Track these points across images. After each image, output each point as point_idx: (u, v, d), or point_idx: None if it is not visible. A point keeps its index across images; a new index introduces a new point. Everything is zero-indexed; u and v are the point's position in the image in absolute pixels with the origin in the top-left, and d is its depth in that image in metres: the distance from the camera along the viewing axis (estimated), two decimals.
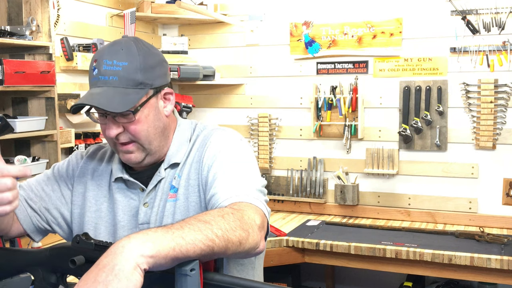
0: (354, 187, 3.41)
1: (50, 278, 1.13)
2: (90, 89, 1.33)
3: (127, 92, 1.29)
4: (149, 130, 1.34)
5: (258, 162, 3.40)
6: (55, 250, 1.13)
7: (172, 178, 1.38)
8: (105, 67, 1.30)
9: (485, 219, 3.19)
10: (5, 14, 2.67)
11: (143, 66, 1.31)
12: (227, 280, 0.98)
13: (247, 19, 3.66)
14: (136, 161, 1.36)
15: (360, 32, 3.41)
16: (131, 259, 0.90)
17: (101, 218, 1.43)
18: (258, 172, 1.35)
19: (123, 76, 1.29)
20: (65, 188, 1.47)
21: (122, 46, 1.32)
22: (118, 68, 1.30)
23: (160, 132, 1.38)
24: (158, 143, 1.38)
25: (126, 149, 1.34)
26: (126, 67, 1.30)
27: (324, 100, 3.47)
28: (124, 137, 1.33)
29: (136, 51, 1.32)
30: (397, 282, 3.37)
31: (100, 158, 1.49)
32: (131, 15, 3.19)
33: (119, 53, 1.30)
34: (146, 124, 1.34)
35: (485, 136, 3.14)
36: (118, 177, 1.40)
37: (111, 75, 1.30)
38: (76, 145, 2.92)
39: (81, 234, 1.09)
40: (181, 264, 0.95)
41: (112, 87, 1.29)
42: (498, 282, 2.73)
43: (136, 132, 1.32)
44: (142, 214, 1.37)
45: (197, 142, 1.41)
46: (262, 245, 1.18)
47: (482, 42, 3.13)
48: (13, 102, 2.72)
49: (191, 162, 1.38)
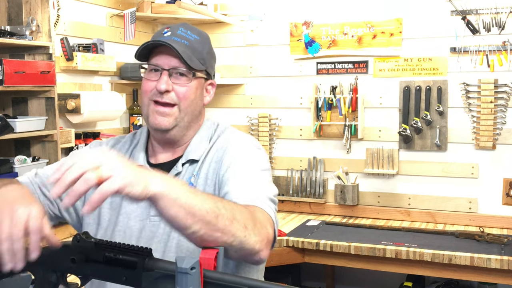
0: (354, 187, 3.41)
1: (50, 277, 1.13)
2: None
3: (192, 58, 1.39)
4: (192, 101, 1.42)
5: None
6: (55, 249, 1.13)
7: (191, 175, 1.41)
8: (180, 32, 1.40)
9: (485, 219, 3.19)
10: (5, 14, 2.68)
11: (208, 50, 1.45)
12: (227, 279, 0.98)
13: (247, 19, 3.66)
14: (167, 126, 1.40)
15: (360, 32, 3.41)
16: (148, 178, 0.99)
17: (113, 209, 1.44)
18: (271, 181, 1.39)
19: (193, 45, 1.40)
20: None
21: (196, 28, 1.46)
22: (191, 37, 1.41)
23: (195, 113, 1.45)
24: (188, 122, 1.44)
25: (163, 111, 1.39)
26: (198, 40, 1.42)
27: (324, 100, 3.47)
28: (168, 97, 1.38)
29: (206, 36, 1.47)
30: (397, 282, 3.37)
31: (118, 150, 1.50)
32: (131, 15, 3.19)
33: (193, 29, 1.44)
34: (193, 95, 1.42)
35: (485, 136, 3.14)
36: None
37: (184, 39, 1.40)
38: (76, 145, 2.92)
39: (81, 233, 1.09)
40: (182, 262, 0.95)
41: (183, 47, 1.38)
42: (498, 282, 2.73)
43: (184, 96, 1.39)
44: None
45: (217, 143, 1.45)
46: (265, 254, 1.18)
47: (482, 42, 3.13)
48: (13, 102, 2.72)
49: (209, 162, 1.42)
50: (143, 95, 1.43)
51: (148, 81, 1.41)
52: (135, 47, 3.53)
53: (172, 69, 1.39)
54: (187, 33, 1.41)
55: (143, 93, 1.42)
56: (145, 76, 1.42)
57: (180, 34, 1.40)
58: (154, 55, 1.41)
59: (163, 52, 1.40)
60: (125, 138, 1.55)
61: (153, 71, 1.41)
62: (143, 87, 1.42)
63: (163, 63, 1.39)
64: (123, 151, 1.50)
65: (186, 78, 1.40)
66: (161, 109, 1.39)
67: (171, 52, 1.38)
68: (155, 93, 1.39)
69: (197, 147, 1.45)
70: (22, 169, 2.55)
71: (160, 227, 1.37)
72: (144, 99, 1.42)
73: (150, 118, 1.41)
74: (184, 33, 1.41)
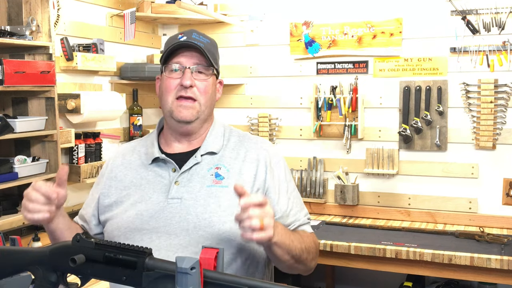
0: (354, 187, 3.41)
1: (51, 277, 1.13)
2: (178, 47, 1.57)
3: (209, 56, 1.56)
4: (210, 96, 1.59)
5: None
6: (55, 249, 1.13)
7: (211, 166, 1.55)
8: (194, 36, 1.57)
9: (485, 219, 3.19)
10: (5, 14, 2.67)
11: (217, 52, 1.64)
12: (227, 279, 0.98)
13: (247, 19, 3.66)
14: (191, 118, 1.55)
15: (360, 32, 3.41)
16: (275, 231, 1.35)
17: (129, 195, 1.57)
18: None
19: (207, 47, 1.56)
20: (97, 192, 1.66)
21: (205, 33, 1.62)
22: (204, 40, 1.58)
23: (211, 108, 1.61)
24: (206, 116, 1.60)
25: (187, 103, 1.55)
26: (209, 43, 1.59)
27: (324, 100, 3.47)
28: (192, 92, 1.54)
29: (215, 41, 1.64)
30: (397, 282, 3.37)
31: (125, 155, 1.67)
32: (131, 15, 3.19)
33: (203, 34, 1.60)
34: (211, 90, 1.59)
35: (485, 136, 3.14)
36: (156, 157, 1.58)
37: (199, 42, 1.55)
38: (76, 145, 2.92)
39: (81, 233, 1.09)
40: (182, 262, 0.95)
41: (201, 49, 1.54)
42: (498, 282, 2.73)
43: (204, 90, 1.56)
44: (173, 191, 1.52)
45: (237, 141, 1.62)
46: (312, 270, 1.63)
47: (482, 42, 3.13)
48: (13, 102, 2.72)
49: (242, 159, 1.57)
50: (166, 92, 1.57)
51: (171, 79, 1.56)
52: (135, 47, 3.55)
53: (194, 66, 1.55)
54: (200, 37, 1.57)
55: (166, 90, 1.57)
56: (167, 75, 1.57)
57: (195, 38, 1.56)
58: (175, 57, 1.56)
59: (184, 53, 1.56)
60: (145, 137, 1.74)
61: (174, 71, 1.56)
62: (166, 85, 1.57)
63: (185, 62, 1.55)
64: (143, 147, 1.66)
65: (205, 75, 1.57)
66: (185, 103, 1.54)
67: (192, 51, 1.55)
68: (180, 89, 1.54)
69: (214, 141, 1.60)
70: (22, 169, 2.55)
71: (178, 208, 1.50)
72: (167, 96, 1.56)
73: (175, 111, 1.55)
74: (197, 37, 1.57)
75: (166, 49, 1.58)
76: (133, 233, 1.50)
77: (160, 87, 1.62)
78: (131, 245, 1.05)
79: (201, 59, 1.56)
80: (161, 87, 1.61)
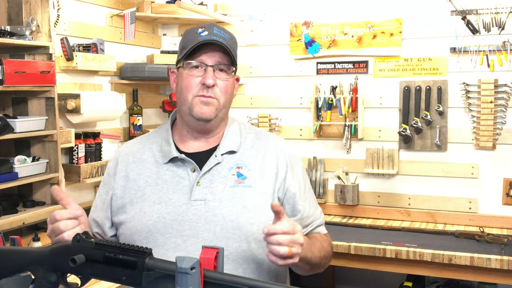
0: (354, 187, 3.41)
1: (51, 277, 1.13)
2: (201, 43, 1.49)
3: (232, 56, 1.51)
4: (230, 95, 1.55)
5: None
6: (55, 249, 1.13)
7: (232, 166, 1.52)
8: (216, 31, 1.50)
9: (485, 219, 3.19)
10: (5, 14, 2.67)
11: (237, 48, 1.57)
12: (227, 279, 0.98)
13: (247, 19, 3.66)
14: (211, 116, 1.50)
15: (360, 32, 3.41)
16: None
17: (144, 196, 1.51)
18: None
19: (229, 43, 1.50)
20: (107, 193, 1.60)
21: (224, 28, 1.56)
22: (226, 36, 1.51)
23: (229, 106, 1.57)
24: (224, 114, 1.57)
25: (207, 101, 1.49)
26: (231, 39, 1.53)
27: (324, 100, 3.47)
28: (213, 91, 1.49)
29: (234, 35, 1.57)
30: (397, 282, 3.37)
31: (134, 153, 1.59)
32: (131, 15, 3.19)
33: (224, 29, 1.54)
34: (231, 89, 1.55)
35: (485, 136, 3.14)
36: (174, 157, 1.52)
37: (221, 38, 1.49)
38: (76, 145, 2.92)
39: (81, 233, 1.09)
40: (182, 262, 0.95)
41: (224, 46, 1.48)
42: (498, 282, 2.73)
43: (225, 90, 1.51)
44: (196, 192, 1.46)
45: (255, 138, 1.59)
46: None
47: (482, 42, 3.13)
48: (13, 102, 2.72)
49: (262, 158, 1.54)
50: (186, 90, 1.51)
51: (192, 77, 1.50)
52: (135, 47, 3.55)
53: (216, 64, 1.49)
54: (221, 33, 1.51)
55: (186, 88, 1.50)
56: (188, 72, 1.50)
57: (217, 33, 1.50)
58: (196, 53, 1.49)
59: (206, 49, 1.49)
60: (153, 133, 1.66)
61: (194, 68, 1.50)
62: (187, 83, 1.50)
63: (207, 60, 1.49)
64: (154, 144, 1.59)
65: (226, 74, 1.51)
66: (206, 100, 1.49)
67: (214, 48, 1.49)
68: (201, 88, 1.49)
69: (232, 139, 1.56)
70: (22, 169, 2.55)
71: (202, 210, 1.46)
72: (187, 94, 1.50)
73: (195, 109, 1.50)
74: (219, 32, 1.50)
75: (188, 44, 1.50)
76: (155, 236, 1.45)
77: (179, 84, 1.55)
78: (131, 245, 1.05)
79: (223, 57, 1.50)
80: (180, 84, 1.54)
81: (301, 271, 1.54)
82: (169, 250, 1.44)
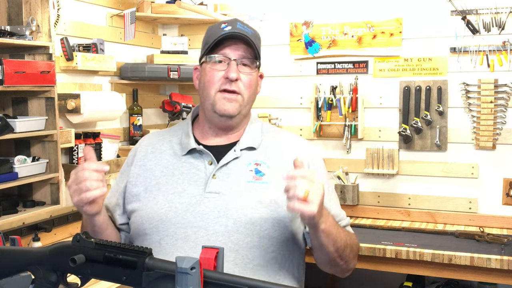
0: (354, 187, 3.41)
1: (51, 277, 1.13)
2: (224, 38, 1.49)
3: (256, 50, 1.49)
4: (253, 91, 1.53)
5: None
6: (55, 249, 1.13)
7: (250, 162, 1.50)
8: (239, 26, 1.49)
9: (485, 219, 3.19)
10: (5, 14, 2.67)
11: (260, 44, 1.54)
12: (227, 279, 0.98)
13: (247, 19, 3.65)
14: (234, 112, 1.50)
15: (360, 32, 3.41)
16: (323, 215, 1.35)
17: (159, 185, 1.51)
18: None
19: (253, 38, 1.48)
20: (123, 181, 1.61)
21: (247, 23, 1.55)
22: (250, 31, 1.50)
23: (252, 103, 1.56)
24: (247, 110, 1.56)
25: (230, 97, 1.48)
26: (254, 34, 1.51)
27: (324, 100, 3.47)
28: (236, 85, 1.48)
29: (257, 31, 1.55)
30: (397, 282, 3.37)
31: (154, 144, 1.60)
32: (131, 15, 3.19)
33: (247, 24, 1.53)
34: (255, 84, 1.54)
35: (485, 136, 3.14)
36: (192, 149, 1.51)
37: (245, 33, 1.47)
38: (76, 145, 2.91)
39: (81, 233, 1.09)
40: (182, 262, 0.95)
41: (248, 38, 1.47)
42: (498, 282, 2.73)
43: (249, 84, 1.50)
44: (211, 184, 1.46)
45: (275, 137, 1.60)
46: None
47: (482, 42, 3.13)
48: (13, 102, 2.72)
49: (282, 157, 1.52)
50: (209, 84, 1.49)
51: (215, 71, 1.48)
52: (135, 47, 3.55)
53: (240, 58, 1.48)
54: (244, 27, 1.50)
55: (209, 82, 1.49)
56: (211, 67, 1.49)
57: (240, 28, 1.49)
58: (219, 47, 1.48)
59: (229, 43, 1.49)
60: (174, 126, 1.66)
61: (217, 62, 1.49)
62: (210, 77, 1.49)
63: (230, 53, 1.48)
64: (174, 137, 1.59)
65: (250, 68, 1.50)
66: (229, 96, 1.48)
67: (238, 42, 1.48)
68: (224, 82, 1.48)
69: (252, 136, 1.55)
70: (22, 169, 2.55)
71: (216, 203, 1.45)
72: (210, 89, 1.49)
73: (218, 105, 1.48)
74: (242, 27, 1.49)
75: (210, 39, 1.50)
76: (166, 225, 1.43)
77: (201, 79, 1.53)
78: (131, 245, 1.05)
79: (246, 51, 1.49)
80: (203, 79, 1.52)
81: (326, 258, 1.49)
82: (178, 240, 1.42)
